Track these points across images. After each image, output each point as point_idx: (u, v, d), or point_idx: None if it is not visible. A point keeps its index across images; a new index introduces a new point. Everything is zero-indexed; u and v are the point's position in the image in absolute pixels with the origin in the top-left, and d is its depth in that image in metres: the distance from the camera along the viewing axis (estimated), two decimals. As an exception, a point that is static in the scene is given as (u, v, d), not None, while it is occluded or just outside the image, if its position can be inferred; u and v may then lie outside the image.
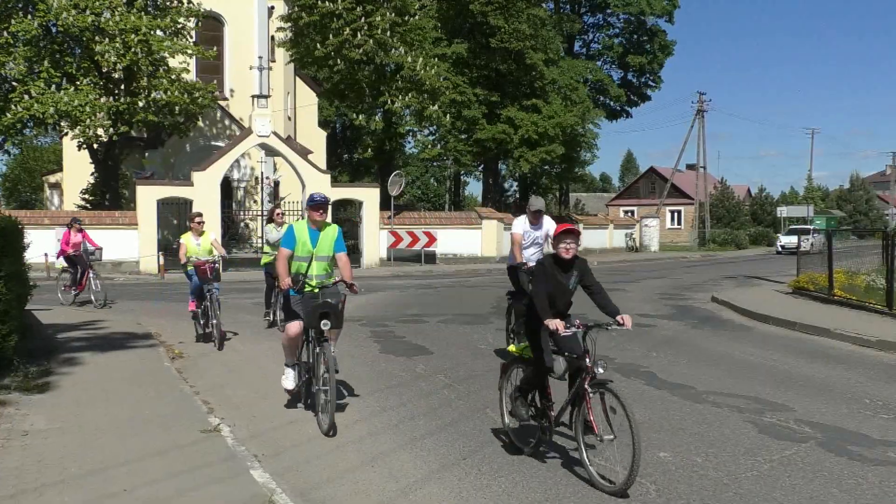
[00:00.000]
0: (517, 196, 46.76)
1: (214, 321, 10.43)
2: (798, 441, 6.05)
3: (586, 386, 5.01)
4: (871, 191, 71.05)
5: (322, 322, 6.24)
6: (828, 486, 5.07)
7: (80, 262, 15.42)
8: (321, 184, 27.66)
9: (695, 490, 4.97)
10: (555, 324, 5.14)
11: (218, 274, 10.88)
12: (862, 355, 10.20)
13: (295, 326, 6.57)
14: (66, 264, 15.72)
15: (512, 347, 6.21)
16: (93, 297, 15.38)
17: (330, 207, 26.95)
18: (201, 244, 10.99)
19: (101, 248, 16.26)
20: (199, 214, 11.55)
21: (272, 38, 33.88)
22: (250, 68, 28.34)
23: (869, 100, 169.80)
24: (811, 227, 41.61)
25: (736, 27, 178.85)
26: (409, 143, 38.73)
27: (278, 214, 12.52)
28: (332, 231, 6.70)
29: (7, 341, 7.68)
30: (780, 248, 42.83)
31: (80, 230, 15.71)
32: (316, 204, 6.54)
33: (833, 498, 4.87)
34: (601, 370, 5.06)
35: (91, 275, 15.38)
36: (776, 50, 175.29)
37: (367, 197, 28.38)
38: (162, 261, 23.94)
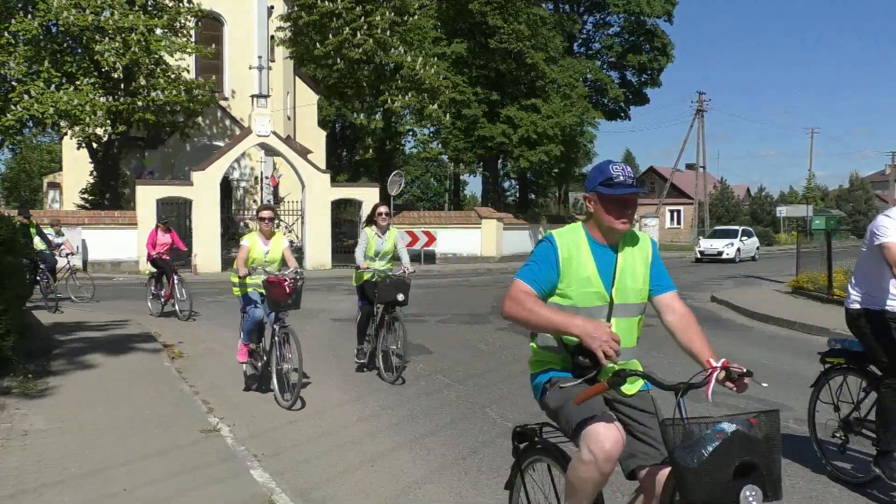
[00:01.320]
0: (517, 196, 46.76)
1: (293, 375, 7.06)
2: (797, 440, 6.05)
3: None
4: (871, 190, 71.03)
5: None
6: (827, 485, 5.08)
7: (165, 266, 13.96)
8: (321, 183, 27.69)
9: (694, 490, 4.96)
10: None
11: (298, 297, 7.28)
12: (861, 355, 10.19)
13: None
14: (153, 269, 14.41)
15: None
16: (177, 308, 13.67)
17: (329, 207, 27.18)
18: (270, 250, 7.60)
19: (186, 251, 15.30)
20: (269, 208, 8.02)
21: (272, 37, 33.87)
22: (250, 68, 28.34)
23: (869, 100, 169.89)
24: (739, 229, 36.79)
25: (735, 27, 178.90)
26: (409, 142, 38.76)
27: (382, 216, 8.47)
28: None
29: (6, 341, 7.68)
30: (698, 255, 35.02)
31: (169, 230, 14.43)
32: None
33: (832, 497, 4.87)
34: None
35: (176, 281, 13.76)
36: (776, 50, 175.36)
37: (367, 197, 28.37)
38: None
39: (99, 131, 25.38)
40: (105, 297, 16.43)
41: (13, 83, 24.58)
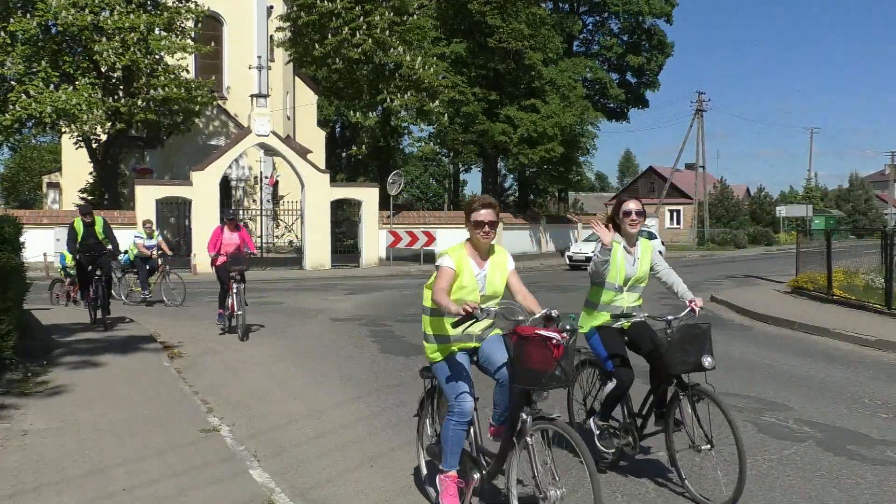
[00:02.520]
0: (517, 196, 46.75)
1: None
2: (797, 440, 6.05)
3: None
4: (870, 190, 71.02)
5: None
6: (827, 485, 5.07)
7: (223, 274, 11.26)
8: (320, 183, 27.68)
9: (695, 490, 4.96)
10: None
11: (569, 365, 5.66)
12: (861, 355, 10.20)
13: None
14: (221, 277, 11.50)
15: None
16: (237, 323, 11.12)
17: (329, 207, 27.18)
18: (489, 277, 3.87)
19: (251, 253, 12.60)
20: (490, 204, 4.54)
21: (271, 37, 33.89)
22: (249, 68, 28.35)
23: (869, 100, 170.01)
24: None
25: (735, 27, 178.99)
26: (407, 140, 38.78)
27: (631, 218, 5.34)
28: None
29: (6, 340, 7.67)
30: (568, 262, 29.30)
31: (238, 226, 11.63)
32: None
33: (832, 497, 4.87)
34: None
35: (235, 291, 10.94)
36: (776, 49, 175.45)
37: (367, 196, 28.38)
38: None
39: (98, 130, 25.37)
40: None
41: (12, 83, 24.57)
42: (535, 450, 3.98)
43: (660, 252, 7.02)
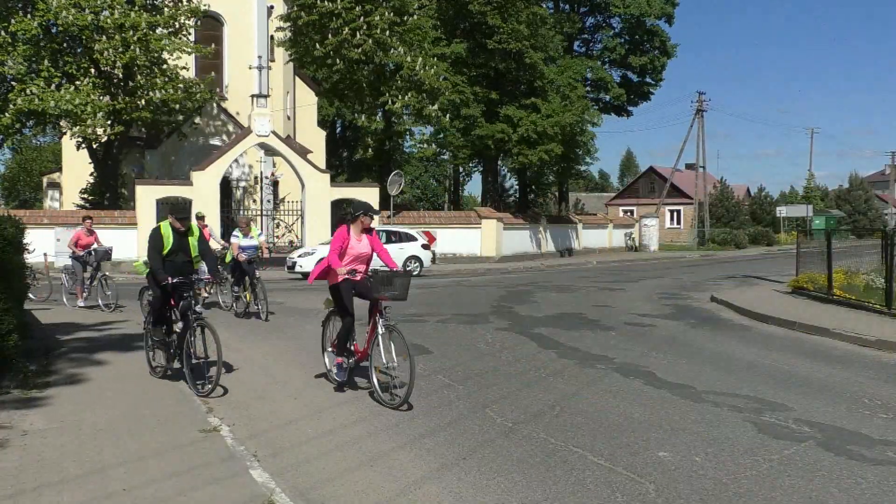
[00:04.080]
0: (517, 196, 46.75)
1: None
2: (797, 441, 6.05)
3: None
4: (870, 190, 71.04)
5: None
6: (827, 485, 5.07)
7: (364, 291, 7.54)
8: (320, 183, 27.69)
9: (694, 490, 4.97)
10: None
11: None
12: (861, 355, 10.20)
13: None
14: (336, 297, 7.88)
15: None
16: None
17: (329, 207, 27.17)
18: None
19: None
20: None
21: (271, 37, 33.89)
22: (249, 68, 28.35)
23: (869, 100, 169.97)
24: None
25: (735, 27, 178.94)
26: (409, 141, 38.79)
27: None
28: None
29: (6, 340, 7.67)
30: (287, 270, 23.32)
31: (371, 230, 7.78)
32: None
33: (832, 497, 4.87)
34: None
35: (380, 315, 7.25)
36: (776, 50, 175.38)
37: (367, 196, 28.37)
38: None
39: (99, 131, 25.37)
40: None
41: (12, 83, 24.57)
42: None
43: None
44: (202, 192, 25.64)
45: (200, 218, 15.34)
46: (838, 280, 15.09)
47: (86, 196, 30.77)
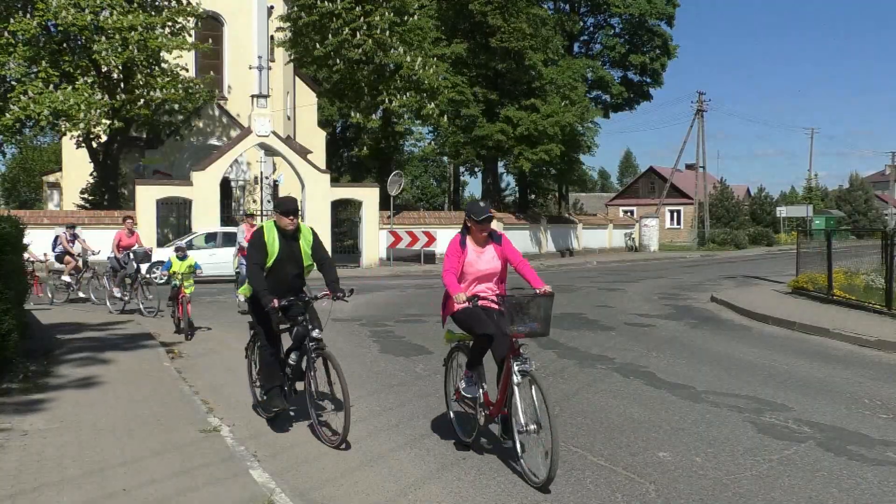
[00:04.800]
0: (517, 196, 46.73)
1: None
2: (797, 441, 6.05)
3: None
4: (870, 191, 71.07)
5: None
6: (827, 485, 5.07)
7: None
8: (320, 183, 27.68)
9: (694, 490, 4.97)
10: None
11: None
12: (861, 355, 10.20)
13: None
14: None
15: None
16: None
17: (329, 208, 27.19)
18: None
19: None
20: None
21: (271, 37, 33.88)
22: (250, 68, 28.33)
23: (868, 100, 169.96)
24: (205, 233, 22.88)
25: (736, 27, 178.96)
26: (409, 141, 38.78)
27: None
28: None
29: (7, 340, 7.67)
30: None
31: (498, 236, 5.80)
32: None
33: (832, 497, 4.87)
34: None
35: (515, 358, 5.51)
36: (776, 50, 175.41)
37: (367, 197, 28.38)
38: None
39: (97, 130, 25.36)
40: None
41: (12, 83, 24.57)
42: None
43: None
44: (202, 192, 25.63)
45: (250, 215, 15.15)
46: (838, 280, 15.09)
47: (86, 196, 30.76)
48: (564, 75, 35.75)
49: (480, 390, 5.58)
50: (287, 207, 6.09)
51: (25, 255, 15.64)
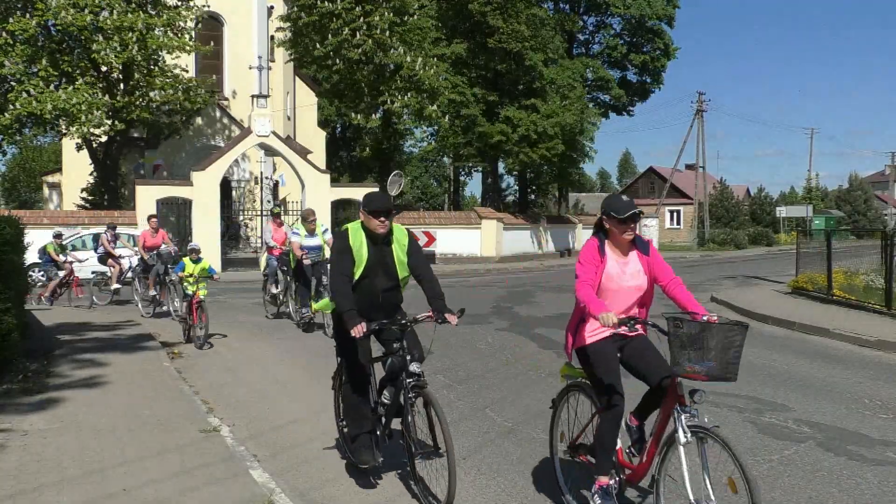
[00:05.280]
0: (517, 196, 46.71)
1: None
2: (797, 441, 6.05)
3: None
4: (870, 191, 71.02)
5: None
6: (827, 485, 5.07)
7: (638, 358, 4.67)
8: (320, 184, 27.67)
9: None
10: None
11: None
12: (861, 355, 10.20)
13: None
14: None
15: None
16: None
17: (329, 208, 27.20)
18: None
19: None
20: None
21: (271, 37, 33.88)
22: (249, 68, 28.32)
23: (868, 100, 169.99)
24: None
25: (736, 27, 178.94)
26: (409, 141, 38.85)
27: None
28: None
29: (7, 340, 7.67)
30: None
31: (646, 243, 4.67)
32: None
33: (832, 498, 4.87)
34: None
35: (681, 408, 4.09)
36: (776, 50, 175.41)
37: (367, 197, 28.33)
38: None
39: (97, 131, 25.35)
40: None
41: (11, 83, 24.56)
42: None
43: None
44: (202, 192, 25.62)
45: (276, 215, 14.55)
46: (838, 280, 15.09)
47: (86, 196, 30.77)
48: (564, 75, 35.76)
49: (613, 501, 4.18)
50: (377, 206, 4.87)
51: (67, 256, 15.59)
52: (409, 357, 4.78)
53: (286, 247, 12.63)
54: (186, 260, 11.09)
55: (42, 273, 16.02)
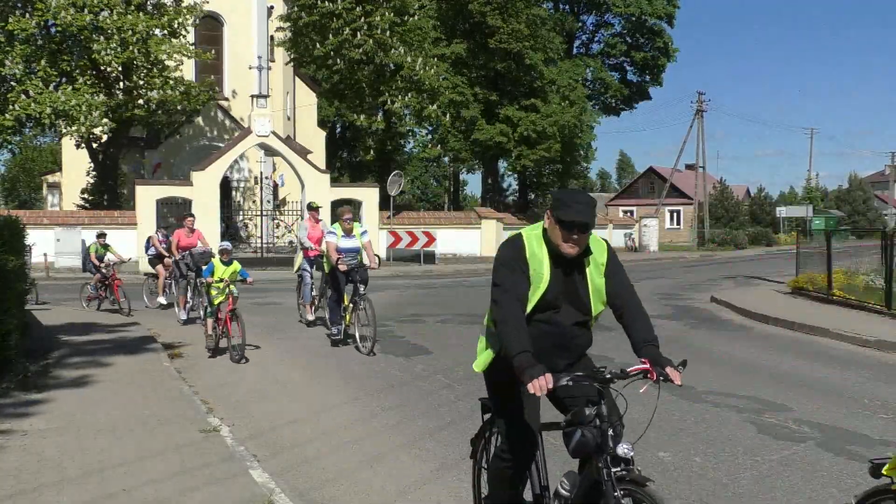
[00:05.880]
0: (517, 196, 46.75)
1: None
2: (797, 441, 6.05)
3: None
4: (870, 191, 71.00)
5: None
6: (827, 485, 5.07)
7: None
8: (320, 184, 27.68)
9: (694, 490, 4.97)
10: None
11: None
12: (861, 355, 10.20)
13: None
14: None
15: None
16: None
17: (329, 208, 27.21)
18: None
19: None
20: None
21: (271, 37, 33.89)
22: (249, 68, 28.34)
23: (868, 100, 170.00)
24: None
25: (736, 27, 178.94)
26: (410, 142, 38.90)
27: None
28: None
29: (7, 340, 7.67)
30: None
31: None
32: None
33: (832, 498, 4.87)
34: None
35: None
36: (776, 50, 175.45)
37: (367, 197, 28.38)
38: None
39: (96, 131, 25.36)
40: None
41: (11, 83, 24.56)
42: None
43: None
44: (202, 192, 25.63)
45: (314, 209, 12.73)
46: (838, 280, 15.09)
47: (85, 196, 30.78)
48: (564, 76, 35.79)
49: None
50: (574, 215, 3.24)
51: (111, 257, 14.53)
52: (611, 432, 3.28)
53: (322, 247, 11.04)
54: (216, 261, 9.88)
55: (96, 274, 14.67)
